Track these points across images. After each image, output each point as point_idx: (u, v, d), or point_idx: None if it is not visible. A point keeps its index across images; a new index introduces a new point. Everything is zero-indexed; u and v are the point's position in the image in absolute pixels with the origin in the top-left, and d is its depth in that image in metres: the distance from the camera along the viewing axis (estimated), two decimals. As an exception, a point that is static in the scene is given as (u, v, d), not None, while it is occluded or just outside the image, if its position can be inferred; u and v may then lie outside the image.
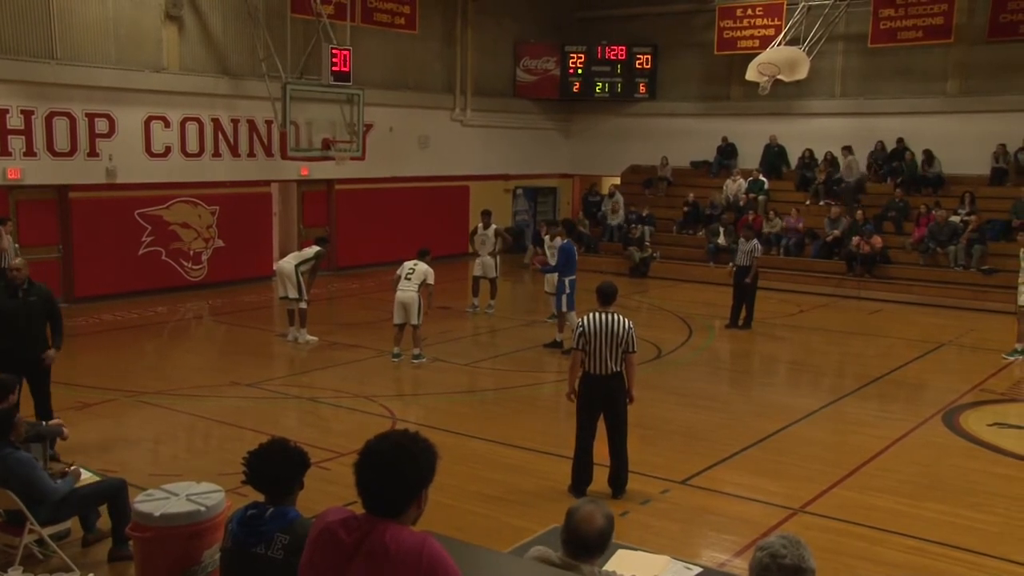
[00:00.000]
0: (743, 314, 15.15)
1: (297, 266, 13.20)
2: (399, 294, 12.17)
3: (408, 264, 12.37)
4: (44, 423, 7.14)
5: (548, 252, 14.71)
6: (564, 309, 13.02)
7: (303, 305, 13.28)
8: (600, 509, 3.53)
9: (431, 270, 12.30)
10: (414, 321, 12.10)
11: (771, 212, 20.88)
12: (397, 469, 2.85)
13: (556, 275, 13.64)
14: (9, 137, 14.92)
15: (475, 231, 16.38)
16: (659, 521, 7.18)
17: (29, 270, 8.02)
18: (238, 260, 18.27)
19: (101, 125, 16.05)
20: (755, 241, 15.19)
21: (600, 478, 7.63)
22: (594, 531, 3.47)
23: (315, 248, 13.53)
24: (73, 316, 14.48)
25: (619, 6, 24.18)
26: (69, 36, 15.44)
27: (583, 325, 7.47)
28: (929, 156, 20.38)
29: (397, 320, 12.22)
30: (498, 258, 16.17)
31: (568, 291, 13.03)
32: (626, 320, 7.49)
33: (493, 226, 16.17)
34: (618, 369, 7.45)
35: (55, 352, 8.15)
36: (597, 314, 7.48)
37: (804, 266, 19.79)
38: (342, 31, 18.08)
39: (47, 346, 8.07)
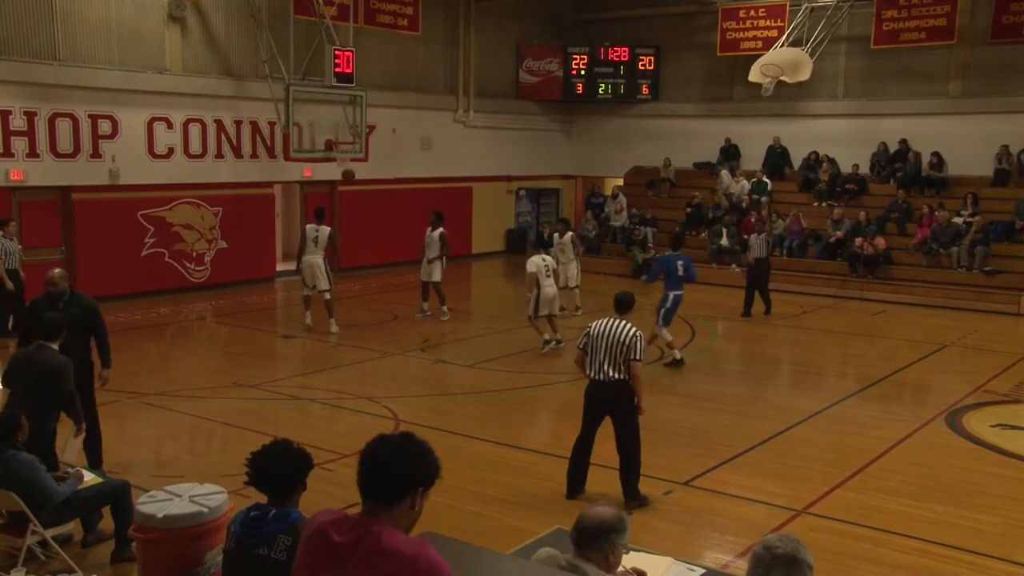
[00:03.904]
0: (748, 303, 16.28)
1: (324, 258, 14.00)
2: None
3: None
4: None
5: (557, 249, 15.20)
6: (660, 324, 12.65)
7: (328, 296, 14.01)
8: (610, 507, 3.61)
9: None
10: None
11: (774, 214, 20.87)
12: (404, 450, 2.87)
13: (577, 270, 15.59)
14: (12, 138, 14.94)
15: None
16: (662, 522, 7.18)
17: (67, 282, 7.71)
18: (241, 261, 18.29)
19: (104, 126, 16.08)
20: (765, 234, 16.55)
21: (609, 481, 7.61)
22: (593, 517, 3.53)
23: (327, 229, 14.09)
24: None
25: (622, 7, 24.18)
26: (72, 37, 15.47)
27: (588, 329, 7.49)
28: (939, 159, 20.36)
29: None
30: (441, 262, 15.20)
31: (669, 306, 12.70)
32: (632, 328, 7.38)
33: (439, 229, 15.21)
34: (619, 376, 7.34)
35: (107, 372, 7.82)
36: (605, 320, 7.47)
37: (807, 267, 19.79)
38: (345, 32, 18.09)
39: (90, 361, 7.75)
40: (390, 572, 2.75)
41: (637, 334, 7.35)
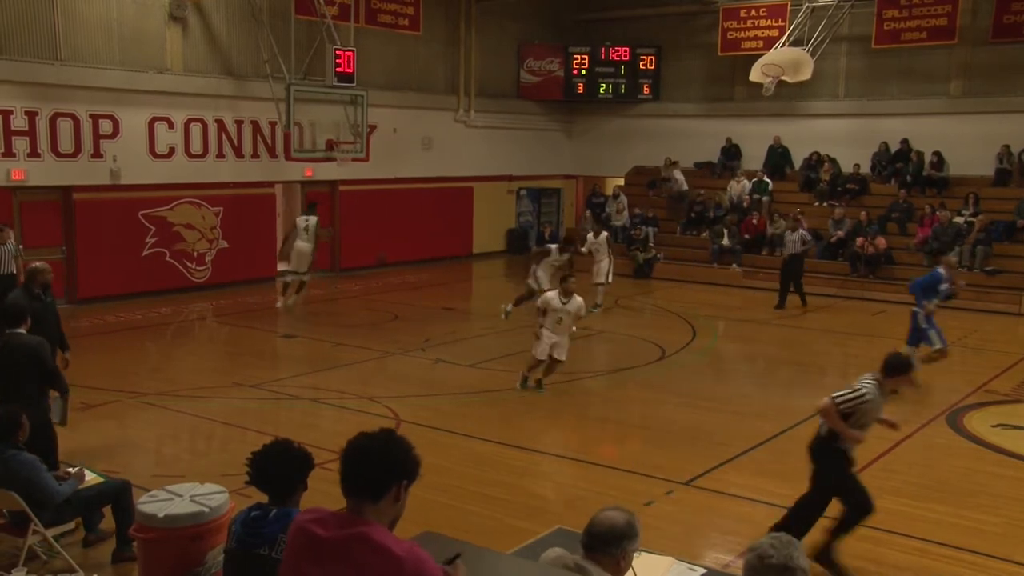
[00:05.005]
0: (783, 296, 17.28)
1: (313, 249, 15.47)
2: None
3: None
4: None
5: (592, 248, 16.38)
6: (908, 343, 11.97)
7: (307, 278, 15.65)
8: (622, 513, 3.58)
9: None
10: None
11: (775, 214, 20.87)
12: (388, 445, 2.92)
13: (609, 268, 16.26)
14: (13, 138, 14.94)
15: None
16: (663, 522, 7.16)
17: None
18: (242, 261, 18.28)
19: (105, 126, 16.08)
20: (801, 231, 17.24)
21: (614, 483, 7.60)
22: (605, 522, 3.51)
23: (314, 218, 15.57)
24: (77, 317, 14.52)
25: (622, 7, 24.16)
26: (73, 37, 15.47)
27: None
28: (940, 158, 20.37)
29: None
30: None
31: (924, 325, 12.02)
32: (862, 388, 6.61)
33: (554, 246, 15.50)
34: (820, 432, 6.71)
35: (69, 354, 8.32)
36: (871, 374, 6.86)
37: (808, 267, 19.69)
38: (346, 32, 18.09)
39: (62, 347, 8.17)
40: (379, 572, 2.75)
41: (859, 394, 6.56)
